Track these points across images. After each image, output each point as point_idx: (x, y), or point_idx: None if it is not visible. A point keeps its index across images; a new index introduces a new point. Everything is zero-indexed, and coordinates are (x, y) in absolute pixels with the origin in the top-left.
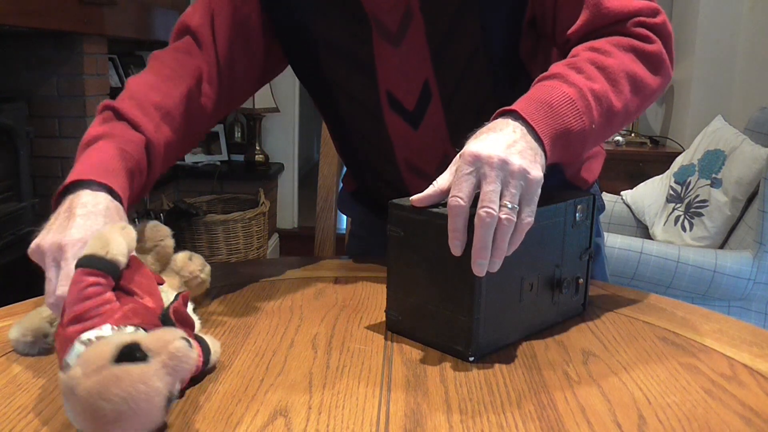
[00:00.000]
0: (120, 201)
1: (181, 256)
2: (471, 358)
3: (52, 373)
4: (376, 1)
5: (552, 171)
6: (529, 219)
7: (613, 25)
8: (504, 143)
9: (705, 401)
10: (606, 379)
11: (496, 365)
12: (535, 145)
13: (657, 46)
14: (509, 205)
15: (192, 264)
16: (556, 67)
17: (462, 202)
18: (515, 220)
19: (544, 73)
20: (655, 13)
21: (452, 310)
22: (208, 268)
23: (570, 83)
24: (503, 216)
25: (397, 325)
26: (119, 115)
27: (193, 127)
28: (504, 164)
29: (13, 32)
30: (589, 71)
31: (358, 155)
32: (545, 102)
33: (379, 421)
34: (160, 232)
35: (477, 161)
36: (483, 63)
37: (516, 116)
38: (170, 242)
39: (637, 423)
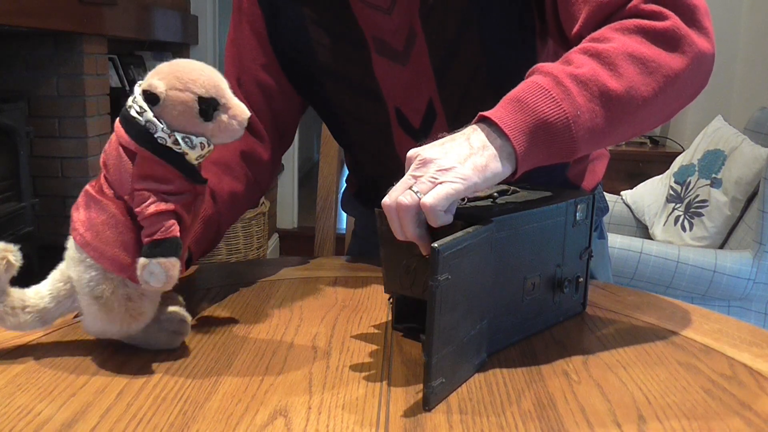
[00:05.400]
0: None
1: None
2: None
3: (52, 373)
4: (379, 23)
5: (554, 170)
6: (428, 201)
7: (619, 11)
8: (457, 153)
9: (705, 401)
10: (606, 379)
11: (496, 365)
12: (493, 153)
13: (670, 22)
14: (413, 190)
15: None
16: (538, 64)
17: (387, 200)
18: (411, 203)
19: (528, 72)
20: None
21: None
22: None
23: (545, 73)
24: (400, 198)
25: (441, 394)
26: None
27: (255, 175)
28: (425, 162)
29: (13, 32)
30: (578, 60)
31: (365, 171)
32: (514, 98)
33: (379, 421)
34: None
35: (409, 162)
36: (485, 81)
37: (482, 120)
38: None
39: (637, 423)
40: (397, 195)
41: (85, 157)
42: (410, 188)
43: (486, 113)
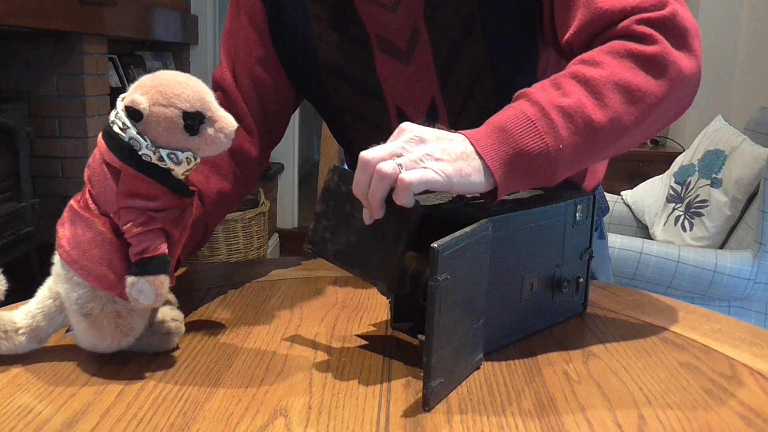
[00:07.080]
0: None
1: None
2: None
3: (52, 374)
4: (383, 21)
5: None
6: (408, 178)
7: (613, 25)
8: (451, 149)
9: (705, 401)
10: (606, 379)
11: (496, 365)
12: (478, 165)
13: (658, 47)
14: (396, 161)
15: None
16: (532, 86)
17: (368, 155)
18: (392, 173)
19: (516, 94)
20: (661, 5)
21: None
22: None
23: (533, 102)
24: (382, 165)
25: (441, 394)
26: None
27: (243, 173)
28: (421, 141)
29: (13, 32)
30: (567, 86)
31: None
32: (499, 126)
33: (379, 421)
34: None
35: (400, 132)
36: (489, 82)
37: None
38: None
39: (637, 423)
40: (381, 157)
41: (85, 157)
42: (395, 159)
43: (471, 139)
